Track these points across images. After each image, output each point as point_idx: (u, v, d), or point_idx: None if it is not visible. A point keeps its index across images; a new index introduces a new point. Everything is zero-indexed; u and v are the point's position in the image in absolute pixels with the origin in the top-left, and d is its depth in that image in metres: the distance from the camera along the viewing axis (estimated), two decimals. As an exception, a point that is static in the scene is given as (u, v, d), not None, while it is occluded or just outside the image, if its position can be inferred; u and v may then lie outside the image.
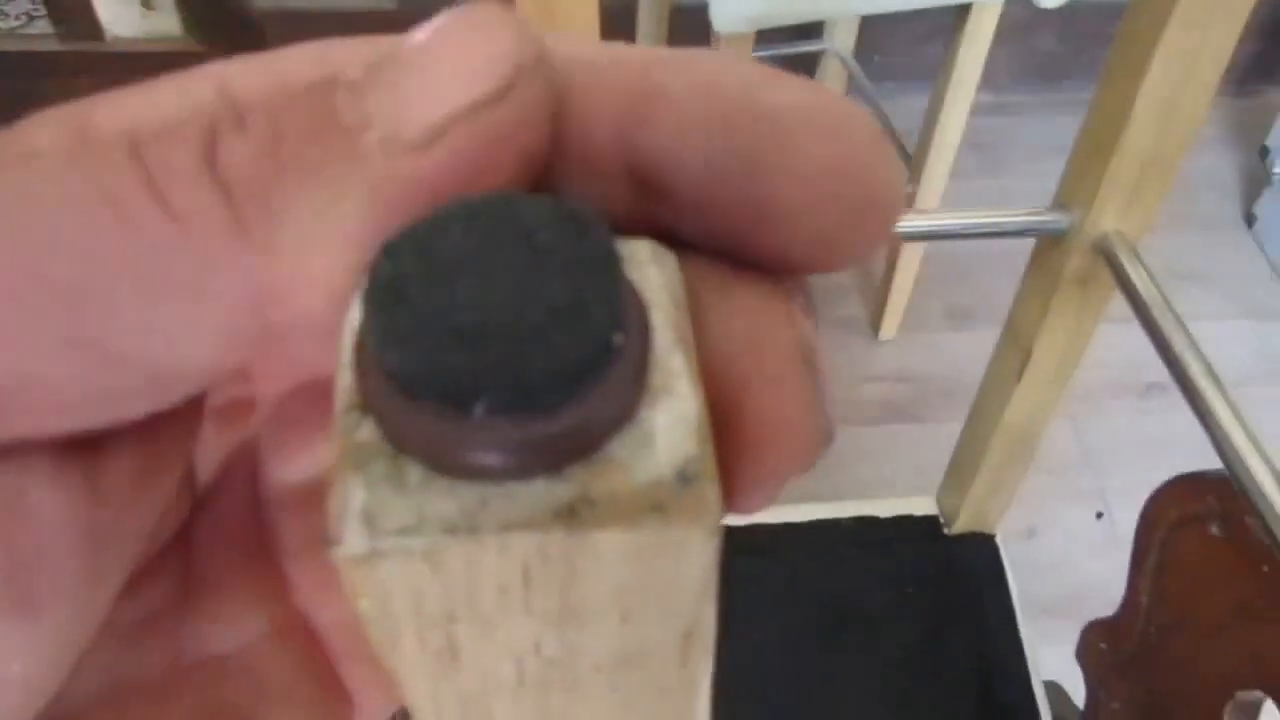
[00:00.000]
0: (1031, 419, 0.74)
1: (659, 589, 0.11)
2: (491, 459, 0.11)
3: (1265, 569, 0.63)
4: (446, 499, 0.11)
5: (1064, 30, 2.05)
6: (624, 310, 0.11)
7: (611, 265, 0.11)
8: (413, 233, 0.11)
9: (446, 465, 0.11)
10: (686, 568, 0.11)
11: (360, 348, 0.11)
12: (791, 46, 1.75)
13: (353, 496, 0.11)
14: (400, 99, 0.12)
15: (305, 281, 0.12)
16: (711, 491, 0.11)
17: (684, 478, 0.11)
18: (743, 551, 0.85)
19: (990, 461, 0.78)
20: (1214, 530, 0.67)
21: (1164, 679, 0.72)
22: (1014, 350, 0.71)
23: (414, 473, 0.11)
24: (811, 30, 1.75)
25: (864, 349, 1.71)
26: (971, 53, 1.30)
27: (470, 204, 0.11)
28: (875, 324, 1.71)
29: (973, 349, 1.70)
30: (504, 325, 0.10)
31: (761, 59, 1.28)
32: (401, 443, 0.11)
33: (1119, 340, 0.86)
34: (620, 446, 0.11)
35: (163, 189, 0.11)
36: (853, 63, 1.73)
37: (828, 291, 1.78)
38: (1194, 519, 0.69)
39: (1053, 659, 0.91)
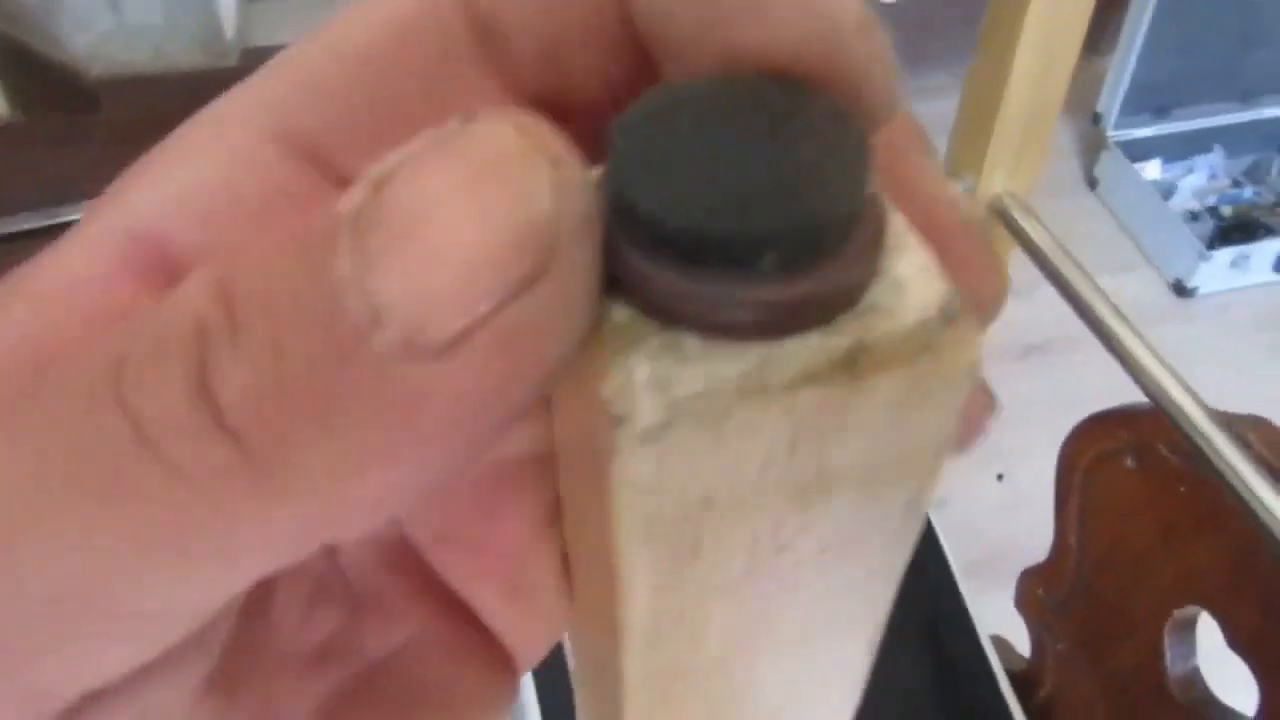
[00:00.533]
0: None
1: (912, 438, 0.12)
2: (774, 315, 0.11)
3: (1183, 489, 0.67)
4: (733, 361, 0.11)
5: (897, 21, 2.14)
6: (871, 163, 0.11)
7: (850, 121, 0.11)
8: (650, 106, 0.11)
9: (726, 328, 0.11)
10: (942, 410, 0.12)
11: (602, 221, 0.11)
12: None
13: (637, 371, 0.11)
14: (413, 282, 0.09)
15: (342, 515, 0.10)
16: (971, 327, 0.11)
17: (947, 315, 0.11)
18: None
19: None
20: (1129, 462, 0.71)
21: (1103, 612, 0.76)
22: (924, 319, 0.74)
23: (690, 342, 0.11)
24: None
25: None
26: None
27: (696, 82, 0.11)
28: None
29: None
30: (777, 182, 0.10)
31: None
32: (673, 313, 0.11)
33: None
34: (880, 294, 0.11)
35: (157, 442, 0.10)
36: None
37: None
38: (1108, 455, 0.73)
39: (993, 613, 0.94)
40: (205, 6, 1.74)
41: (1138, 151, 1.97)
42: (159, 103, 1.89)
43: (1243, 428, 0.60)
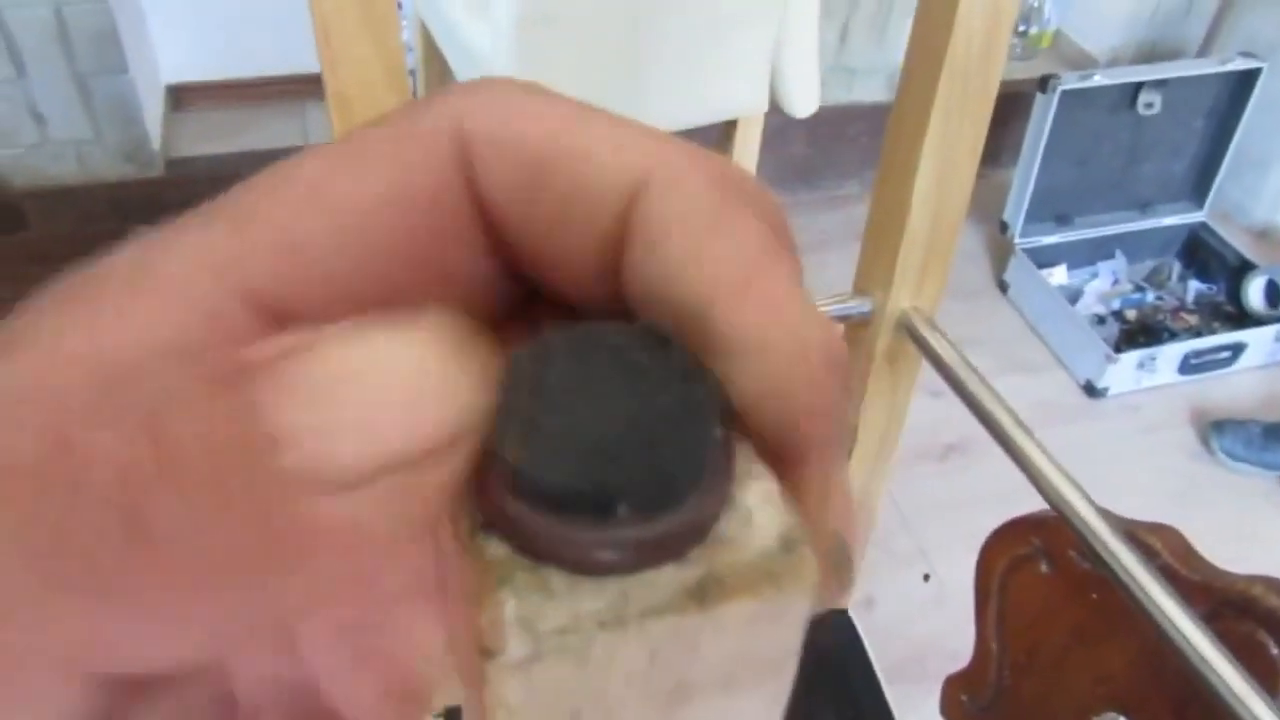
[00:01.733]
0: (864, 494, 0.78)
1: (763, 652, 0.13)
2: (632, 555, 0.12)
3: (1094, 595, 0.68)
4: (594, 597, 0.12)
5: (812, 134, 2.24)
6: (718, 406, 0.12)
7: (699, 370, 0.12)
8: (518, 366, 0.12)
9: (589, 567, 0.12)
10: (790, 626, 0.13)
11: (480, 476, 0.12)
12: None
13: (506, 608, 0.12)
14: (327, 424, 0.11)
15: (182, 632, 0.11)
16: (810, 554, 0.12)
17: (787, 545, 0.12)
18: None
19: (835, 538, 0.81)
20: (1043, 568, 0.73)
21: (1025, 717, 0.77)
22: (840, 430, 0.76)
23: (557, 579, 0.12)
24: (589, 157, 1.83)
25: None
26: (743, 161, 1.40)
27: (563, 334, 0.13)
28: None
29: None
30: (632, 435, 0.12)
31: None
32: (541, 553, 0.12)
33: (916, 408, 0.93)
34: (728, 526, 0.12)
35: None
36: (632, 183, 1.81)
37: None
38: (1023, 560, 0.75)
39: (918, 719, 0.94)
40: (130, 119, 1.74)
41: (1044, 257, 2.06)
42: (85, 215, 1.87)
43: (1148, 536, 0.62)
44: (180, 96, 1.96)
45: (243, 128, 1.94)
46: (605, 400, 0.12)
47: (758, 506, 0.13)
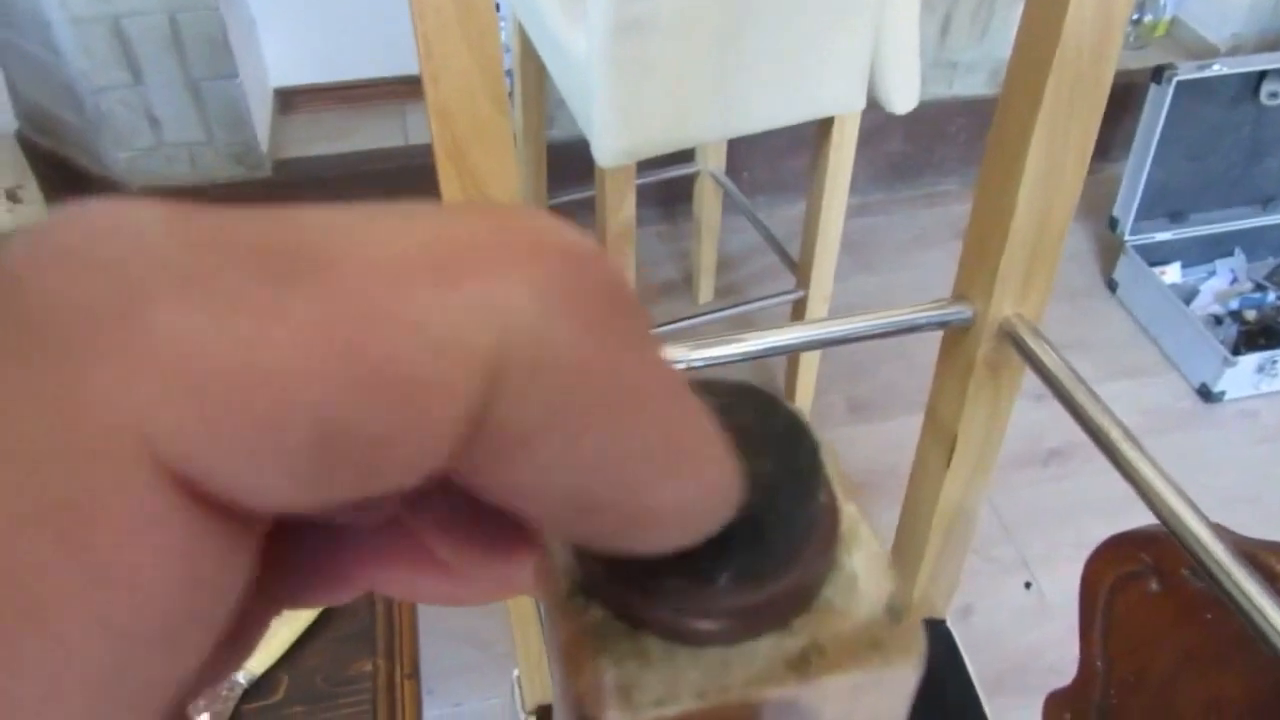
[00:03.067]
0: (965, 501, 0.76)
1: (866, 717, 0.12)
2: (731, 625, 0.12)
3: (1208, 616, 0.65)
4: (692, 667, 0.12)
5: (909, 131, 2.19)
6: (824, 469, 0.12)
7: (805, 431, 0.12)
8: None
9: (688, 637, 0.12)
10: (896, 695, 0.12)
11: None
12: (668, 171, 1.82)
13: (605, 676, 0.12)
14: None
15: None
16: (917, 624, 0.12)
17: (894, 613, 0.12)
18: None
19: (932, 548, 0.80)
20: (1153, 586, 0.70)
21: (1132, 740, 0.74)
22: (938, 439, 0.74)
23: (655, 646, 0.12)
24: (684, 154, 1.83)
25: (778, 453, 1.74)
26: (839, 160, 1.37)
27: None
28: (785, 427, 1.74)
29: (878, 439, 1.75)
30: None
31: (641, 184, 1.33)
32: (640, 619, 0.12)
33: (1018, 414, 0.90)
34: (833, 592, 0.12)
35: None
36: (726, 180, 1.80)
37: (734, 401, 1.81)
38: (1131, 578, 0.72)
39: (1016, 736, 0.91)
40: (240, 122, 1.80)
41: (1156, 256, 1.98)
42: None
43: (1268, 556, 0.59)
44: (287, 99, 2.02)
45: (346, 129, 1.99)
46: None
47: (863, 572, 0.12)
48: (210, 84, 1.73)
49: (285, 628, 0.63)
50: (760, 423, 0.12)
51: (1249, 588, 0.51)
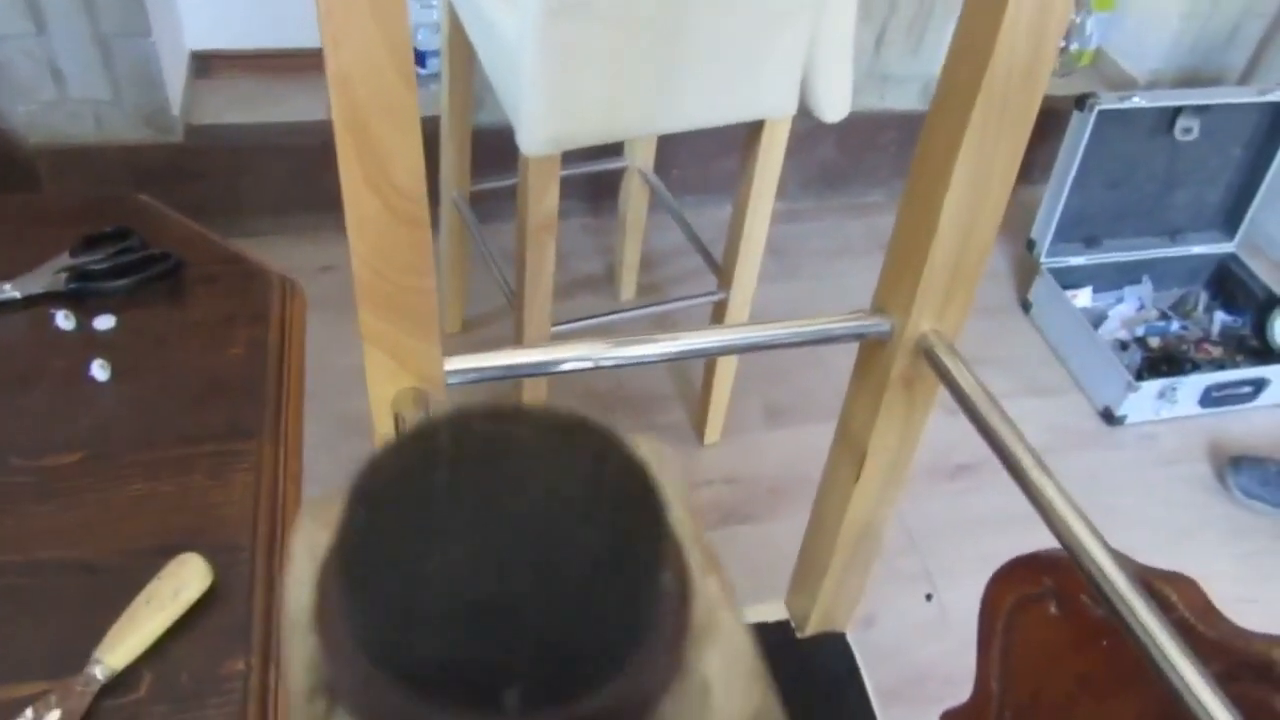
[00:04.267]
0: (873, 516, 0.76)
1: None
2: None
3: (1105, 643, 0.65)
4: None
5: (842, 140, 2.20)
6: (669, 539, 0.09)
7: (645, 491, 0.09)
8: (390, 469, 0.08)
9: None
10: None
11: (326, 610, 0.08)
12: (596, 164, 1.80)
13: None
14: None
15: None
16: None
17: None
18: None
19: (837, 562, 0.79)
20: (1052, 609, 0.70)
21: (1023, 762, 0.74)
22: (849, 452, 0.73)
23: None
24: (613, 149, 1.80)
25: (691, 455, 1.73)
26: (768, 164, 1.37)
27: (459, 423, 0.09)
28: (699, 429, 1.73)
29: (793, 445, 1.75)
30: (533, 589, 0.08)
31: (567, 176, 1.30)
32: None
33: (928, 427, 0.90)
34: (676, 707, 0.09)
35: None
36: (654, 178, 1.79)
37: (650, 401, 1.80)
38: (1031, 600, 0.72)
39: (910, 751, 0.91)
40: (152, 82, 1.72)
41: (1070, 279, 2.02)
42: (99, 177, 1.86)
43: (1164, 586, 0.59)
44: (203, 63, 1.94)
45: (266, 99, 1.92)
46: (505, 534, 0.08)
47: (719, 678, 0.09)
48: (121, 40, 1.65)
49: (151, 620, 0.59)
50: (589, 477, 0.09)
51: (1144, 616, 0.51)
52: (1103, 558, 0.54)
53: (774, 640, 0.87)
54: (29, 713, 0.55)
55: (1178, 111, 1.91)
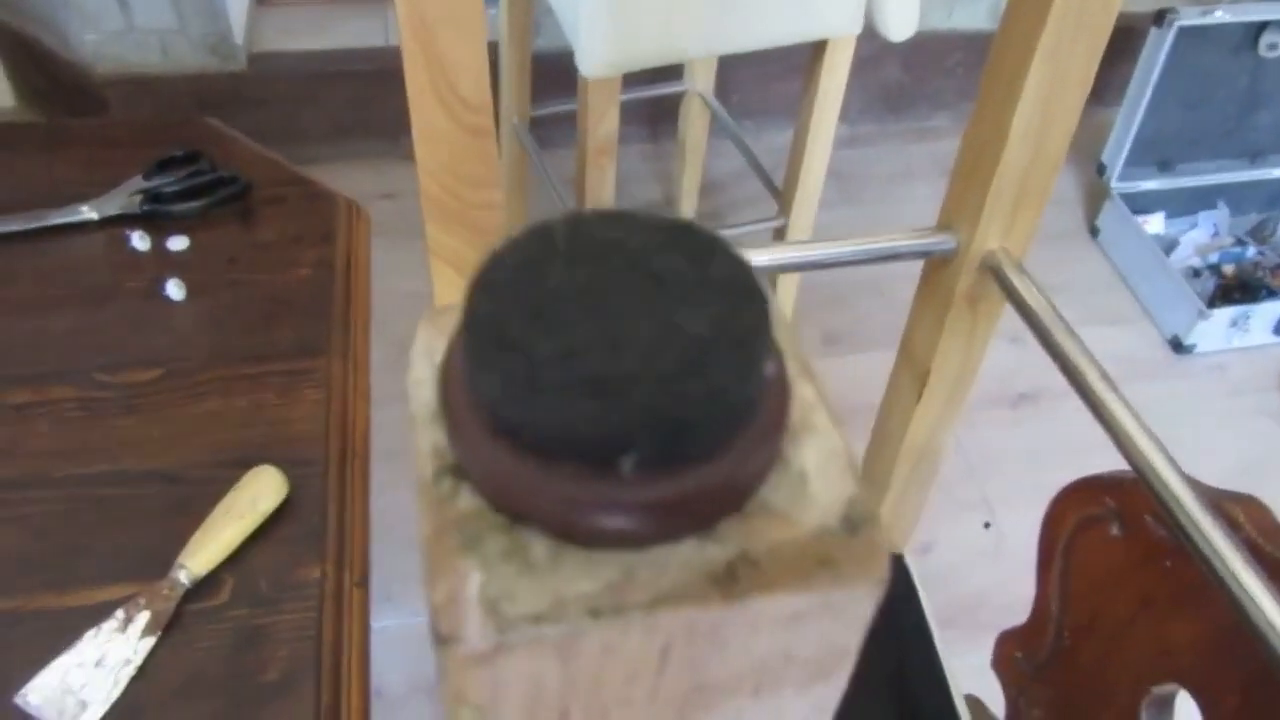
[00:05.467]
0: (933, 437, 0.75)
1: (810, 653, 0.10)
2: (638, 523, 0.09)
3: (1168, 564, 0.65)
4: (585, 576, 0.09)
5: (907, 62, 2.14)
6: (771, 334, 0.09)
7: (751, 284, 0.09)
8: (509, 261, 0.09)
9: (581, 534, 0.09)
10: (847, 623, 0.10)
11: (450, 398, 0.09)
12: (655, 88, 1.78)
13: (468, 581, 0.09)
14: None
15: None
16: (878, 537, 0.10)
17: (850, 524, 0.09)
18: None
19: (896, 482, 0.79)
20: (1114, 531, 0.70)
21: (1081, 681, 0.74)
22: (911, 372, 0.73)
23: (539, 546, 0.09)
24: (673, 72, 1.78)
25: (749, 381, 1.73)
26: (830, 86, 1.34)
27: (571, 222, 0.09)
28: (758, 356, 1.73)
29: (851, 372, 1.74)
30: (646, 365, 0.08)
31: (627, 101, 1.29)
32: (521, 510, 0.09)
33: (991, 352, 0.89)
34: (774, 492, 0.09)
35: None
36: (714, 102, 1.76)
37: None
38: (1093, 521, 0.71)
39: (965, 670, 0.92)
40: (215, 11, 1.73)
41: (1141, 204, 1.96)
42: (166, 104, 1.88)
43: (1232, 507, 0.58)
44: (265, -10, 1.95)
45: (325, 26, 1.92)
46: (615, 314, 0.09)
47: (815, 471, 0.10)
48: (183, -32, 1.66)
49: (230, 529, 0.61)
50: (697, 270, 0.09)
51: (1213, 534, 0.51)
52: (1172, 477, 0.53)
53: (832, 559, 0.88)
54: (120, 613, 0.58)
55: (1263, 26, 1.83)
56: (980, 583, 1.51)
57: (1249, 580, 0.48)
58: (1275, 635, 0.47)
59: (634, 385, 0.08)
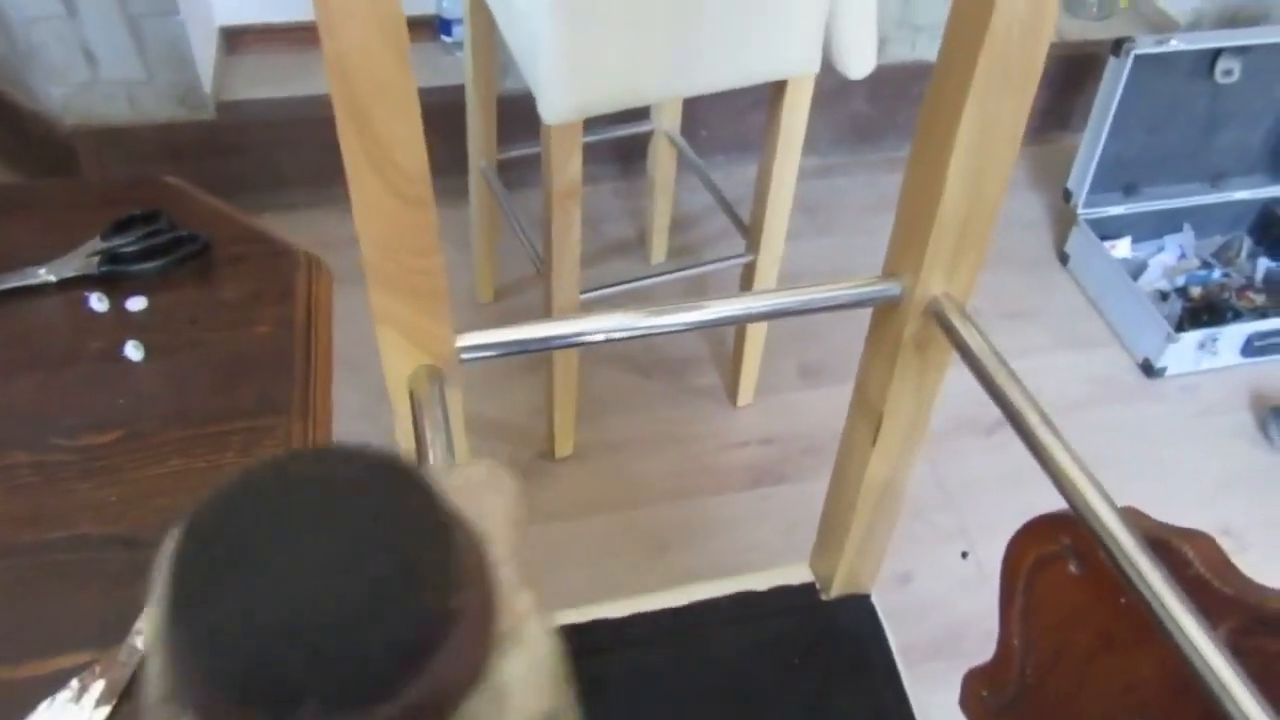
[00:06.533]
0: (892, 478, 0.76)
1: None
2: None
3: (1123, 600, 0.65)
4: None
5: (873, 94, 2.17)
6: (462, 565, 0.10)
7: (439, 519, 0.10)
8: (213, 508, 0.10)
9: None
10: None
11: (161, 637, 0.10)
12: (621, 129, 1.79)
13: None
14: None
15: None
16: None
17: None
18: (623, 644, 0.84)
19: (858, 524, 0.79)
20: (1072, 568, 0.70)
21: (1047, 718, 0.74)
22: (866, 415, 0.73)
23: None
24: (639, 112, 1.80)
25: (724, 417, 1.73)
26: (792, 123, 1.35)
27: (275, 467, 0.10)
28: (732, 391, 1.74)
29: (827, 405, 1.75)
30: (328, 609, 0.09)
31: (596, 141, 1.30)
32: None
33: (965, 381, 0.89)
34: (478, 706, 0.10)
35: None
36: (680, 140, 1.78)
37: (684, 364, 1.81)
38: (1052, 558, 0.72)
39: (945, 704, 0.92)
40: (182, 61, 1.74)
41: (1108, 229, 1.99)
42: (135, 156, 1.89)
43: (1180, 543, 0.59)
44: (233, 40, 1.96)
45: (294, 73, 1.94)
46: (307, 557, 0.10)
47: (520, 682, 0.10)
48: (150, 20, 1.67)
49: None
50: (392, 508, 0.10)
51: (1150, 574, 0.51)
52: (1108, 516, 0.54)
53: (799, 604, 0.88)
54: (74, 683, 0.58)
55: (1218, 53, 1.86)
56: (961, 612, 1.51)
57: (1185, 620, 0.49)
58: (1212, 676, 0.47)
59: (313, 631, 0.09)
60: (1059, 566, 0.71)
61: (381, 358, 0.55)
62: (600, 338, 0.58)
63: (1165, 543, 0.59)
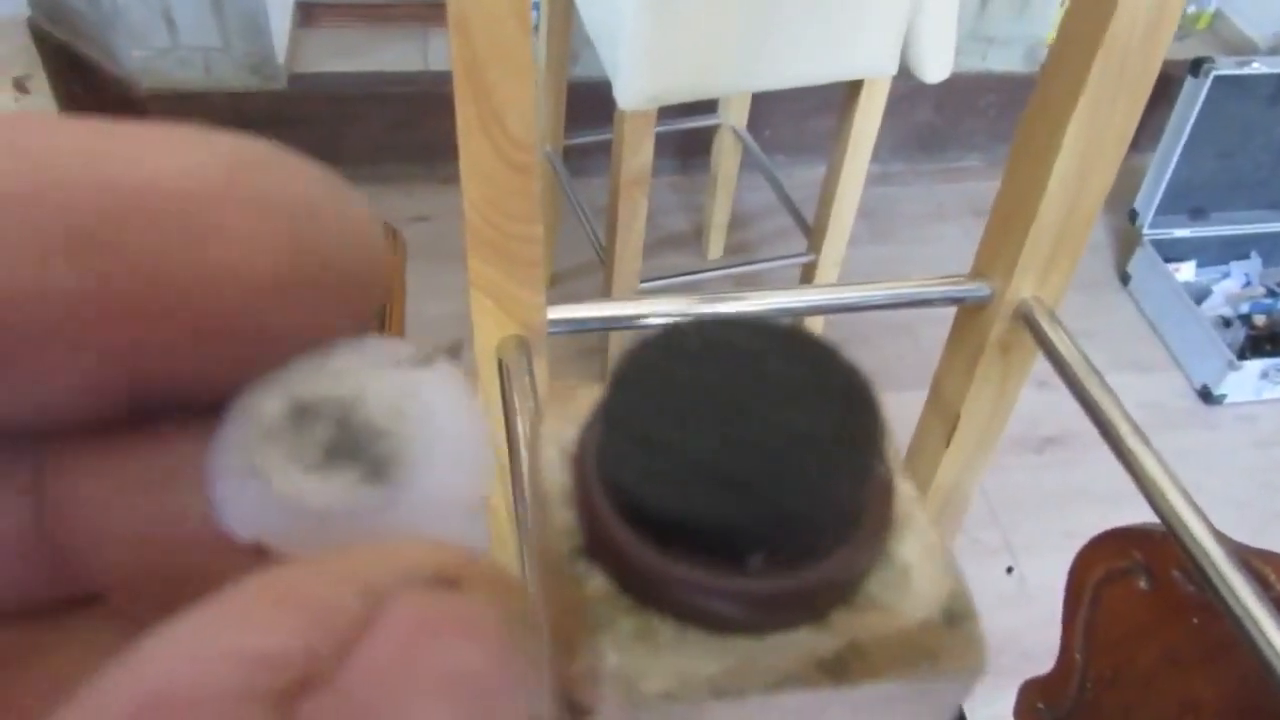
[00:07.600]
0: (960, 481, 0.75)
1: None
2: (760, 614, 0.10)
3: (1195, 620, 0.64)
4: (708, 657, 0.10)
5: (940, 102, 2.15)
6: (887, 434, 0.10)
7: (859, 388, 0.10)
8: (640, 363, 0.10)
9: (705, 619, 0.10)
10: (937, 709, 0.11)
11: (584, 484, 0.10)
12: (689, 121, 1.79)
13: (604, 659, 0.10)
14: None
15: None
16: (976, 631, 0.10)
17: (950, 617, 0.10)
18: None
19: (921, 526, 0.79)
20: (1141, 584, 0.69)
21: (1103, 734, 0.73)
22: (940, 416, 0.73)
23: (665, 629, 0.10)
24: (706, 105, 1.80)
25: (772, 415, 1.73)
26: (864, 126, 1.35)
27: (697, 327, 0.10)
28: (782, 390, 1.73)
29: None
30: (777, 468, 0.09)
31: (659, 132, 1.30)
32: (650, 595, 0.10)
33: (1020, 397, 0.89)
34: (878, 585, 0.10)
35: None
36: (746, 136, 1.77)
37: (734, 360, 1.80)
38: (1121, 574, 0.71)
39: (984, 718, 0.91)
40: (258, 31, 1.76)
41: (1172, 252, 1.96)
42: (207, 121, 1.91)
43: (1262, 565, 0.58)
44: (308, 13, 1.98)
45: (366, 48, 1.95)
46: (745, 418, 0.10)
47: (917, 564, 0.10)
48: (230, -10, 1.69)
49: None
50: (814, 375, 0.10)
51: (1244, 594, 0.51)
52: (1201, 532, 0.53)
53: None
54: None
55: (1300, 79, 1.83)
56: (1003, 628, 1.49)
57: (1278, 639, 0.48)
58: (1306, 699, 0.46)
59: (759, 494, 0.09)
60: (1128, 582, 0.70)
61: (473, 324, 0.55)
62: (682, 320, 0.58)
63: (1247, 563, 0.59)
